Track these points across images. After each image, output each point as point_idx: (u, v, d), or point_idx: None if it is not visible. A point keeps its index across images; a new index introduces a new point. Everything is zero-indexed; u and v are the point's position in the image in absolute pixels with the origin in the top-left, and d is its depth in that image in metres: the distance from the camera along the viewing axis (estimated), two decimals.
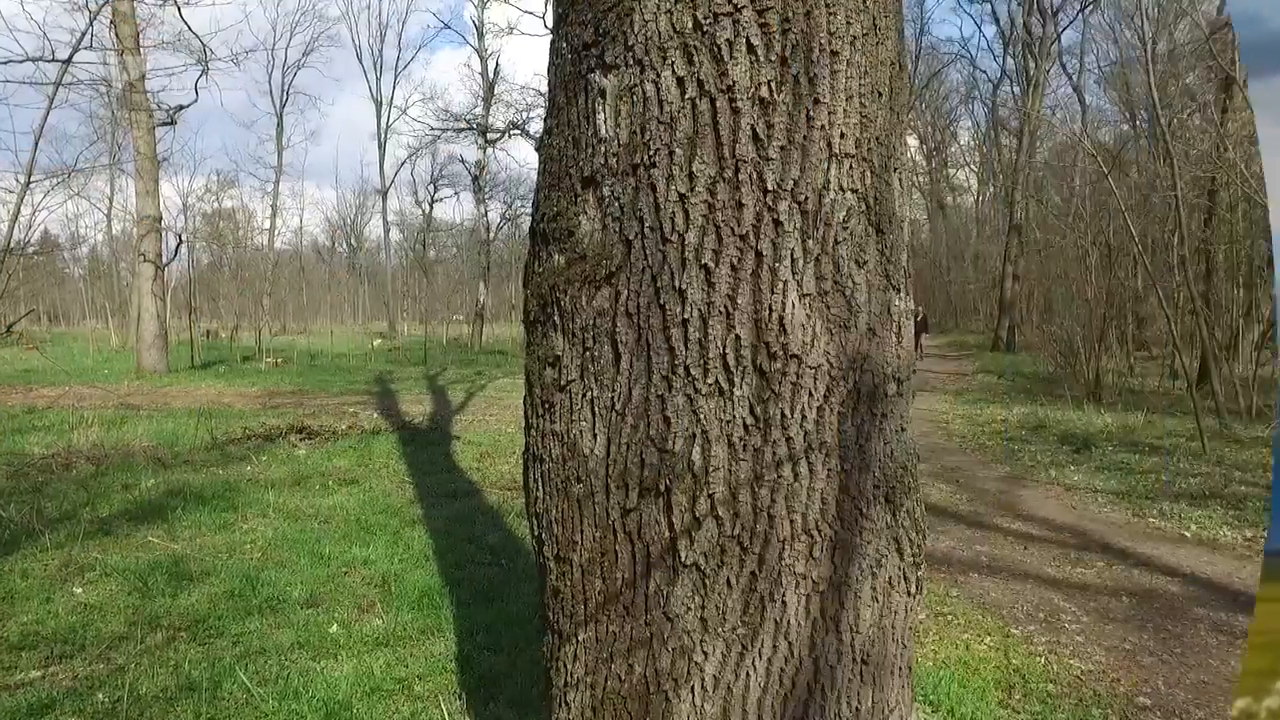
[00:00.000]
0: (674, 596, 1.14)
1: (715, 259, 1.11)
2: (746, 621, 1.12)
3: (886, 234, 1.19)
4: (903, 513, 1.22)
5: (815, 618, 1.14)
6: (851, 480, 1.15)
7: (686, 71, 1.11)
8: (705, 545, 1.12)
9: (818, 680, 1.14)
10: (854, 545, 1.16)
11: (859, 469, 1.16)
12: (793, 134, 1.10)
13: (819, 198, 1.12)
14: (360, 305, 56.65)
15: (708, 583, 1.12)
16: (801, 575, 1.13)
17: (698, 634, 1.13)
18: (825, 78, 1.11)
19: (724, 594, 1.12)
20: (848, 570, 1.15)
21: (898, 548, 1.21)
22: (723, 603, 1.12)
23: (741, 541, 1.12)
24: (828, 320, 1.13)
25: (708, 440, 1.12)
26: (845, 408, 1.14)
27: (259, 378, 17.93)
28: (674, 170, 1.12)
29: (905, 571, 1.23)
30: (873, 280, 1.17)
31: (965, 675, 3.32)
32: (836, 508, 1.15)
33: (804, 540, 1.13)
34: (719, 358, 1.12)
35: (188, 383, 16.44)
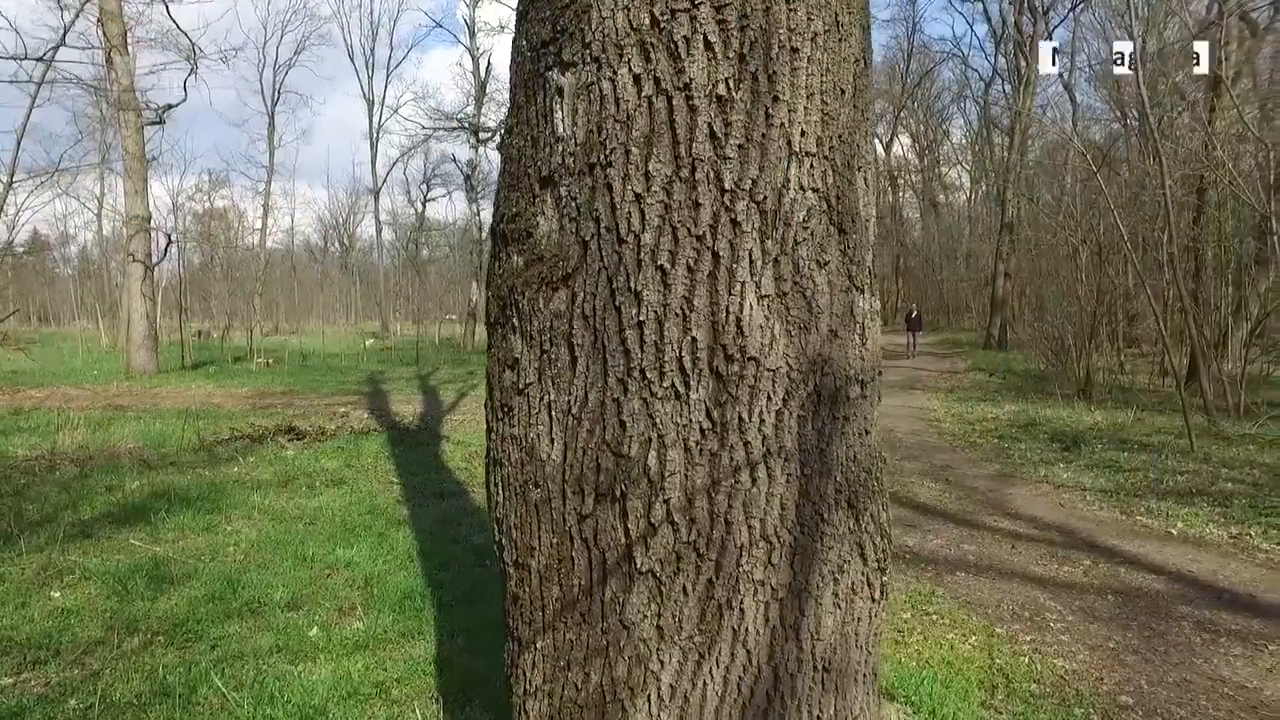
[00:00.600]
0: (630, 604, 1.12)
1: (671, 260, 1.09)
2: (704, 629, 1.10)
3: (850, 234, 1.17)
4: (866, 518, 1.20)
5: (775, 625, 1.12)
6: (812, 485, 1.13)
7: (643, 69, 1.09)
8: (661, 552, 1.10)
9: (777, 689, 1.11)
10: (815, 551, 1.14)
11: (820, 474, 1.14)
12: (751, 132, 1.08)
13: (778, 197, 1.10)
14: (353, 305, 56.49)
15: (664, 590, 1.10)
16: (760, 582, 1.11)
17: (654, 642, 1.11)
18: (785, 75, 1.09)
19: (680, 601, 1.10)
20: (808, 577, 1.13)
21: (861, 553, 1.19)
22: (679, 610, 1.10)
23: (698, 548, 1.10)
24: (787, 322, 1.11)
25: (664, 445, 1.10)
26: (806, 411, 1.12)
27: (250, 378, 17.83)
28: (630, 170, 1.10)
29: (869, 577, 1.21)
30: (835, 281, 1.15)
31: (948, 675, 3.31)
32: (796, 513, 1.12)
33: (762, 547, 1.11)
34: (675, 360, 1.09)
35: (178, 383, 16.34)
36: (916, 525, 5.96)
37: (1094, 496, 6.95)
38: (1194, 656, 3.67)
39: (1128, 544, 5.44)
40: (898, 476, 7.81)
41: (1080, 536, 5.67)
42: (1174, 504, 6.41)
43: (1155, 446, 8.63)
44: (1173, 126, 15.01)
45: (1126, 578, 4.78)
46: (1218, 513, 6.10)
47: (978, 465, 8.62)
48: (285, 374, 18.90)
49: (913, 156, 45.40)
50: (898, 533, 5.70)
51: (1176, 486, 6.99)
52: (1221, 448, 8.44)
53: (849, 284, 1.16)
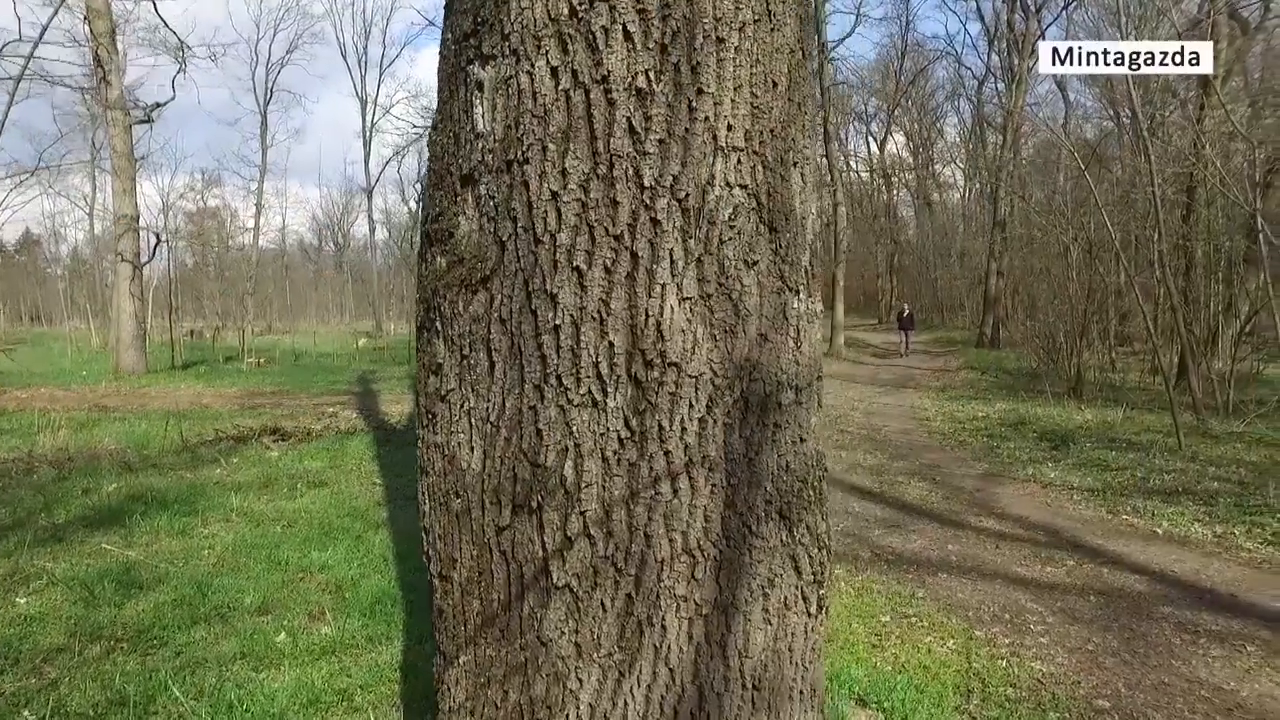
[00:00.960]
0: (547, 620, 1.07)
1: (588, 261, 1.04)
2: (624, 647, 1.05)
3: (782, 232, 1.12)
4: (801, 529, 1.15)
5: (699, 642, 1.07)
6: (739, 496, 1.08)
7: (561, 61, 1.04)
8: (578, 566, 1.05)
9: (703, 708, 1.07)
10: (742, 565, 1.09)
11: (748, 484, 1.09)
12: (673, 126, 1.03)
13: (702, 194, 1.05)
14: (346, 304, 56.34)
15: (581, 606, 1.06)
16: (683, 598, 1.06)
17: (573, 660, 1.06)
18: (710, 66, 1.04)
19: (599, 618, 1.05)
20: (735, 592, 1.08)
21: (795, 566, 1.15)
22: (597, 627, 1.05)
23: (616, 563, 1.05)
24: (711, 325, 1.06)
25: (580, 455, 1.05)
26: (732, 419, 1.07)
27: (240, 378, 17.74)
28: (547, 167, 1.05)
29: (804, 591, 1.16)
30: (765, 282, 1.10)
31: (924, 679, 3.27)
32: (722, 526, 1.08)
33: (685, 561, 1.06)
34: (591, 366, 1.04)
35: (167, 383, 16.24)
36: (901, 526, 5.93)
37: (1081, 496, 6.92)
38: (1173, 658, 3.63)
39: (1112, 544, 5.41)
40: (885, 476, 7.78)
41: (1065, 536, 5.64)
42: (1160, 503, 6.38)
43: (1144, 445, 8.60)
44: (1164, 125, 15.00)
45: (1109, 578, 4.75)
46: (1203, 512, 6.07)
47: (966, 464, 8.59)
48: (276, 374, 18.81)
49: (907, 155, 45.41)
50: (881, 533, 5.66)
51: (1163, 485, 6.97)
52: (1209, 446, 8.42)
53: (781, 285, 1.12)
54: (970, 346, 24.96)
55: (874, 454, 9.06)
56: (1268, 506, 5.95)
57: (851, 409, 12.76)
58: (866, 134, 45.27)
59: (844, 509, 6.40)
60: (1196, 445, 8.40)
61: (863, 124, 44.36)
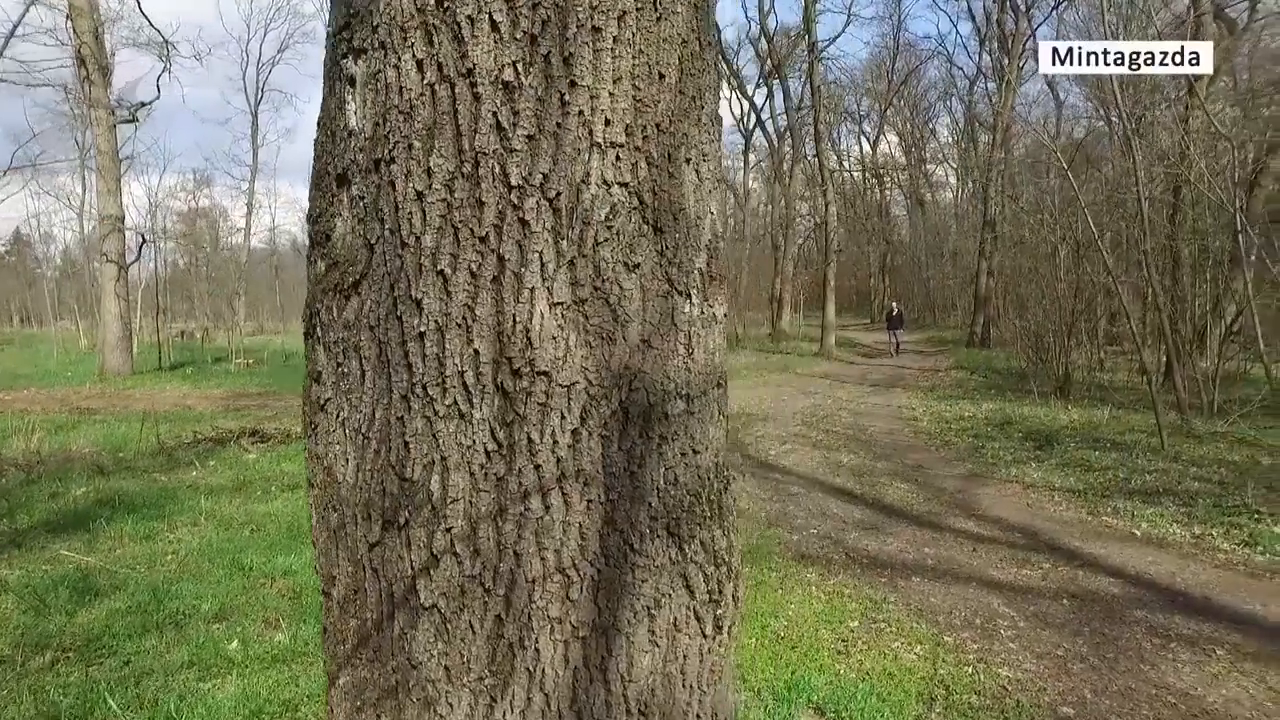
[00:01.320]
0: (416, 641, 1.01)
1: (453, 265, 0.98)
2: (495, 670, 1.00)
3: (669, 233, 1.06)
4: (693, 546, 1.09)
5: (576, 666, 1.02)
6: (619, 512, 1.03)
7: (426, 54, 0.98)
8: (444, 585, 1.00)
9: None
10: (624, 585, 1.03)
11: (630, 499, 1.03)
12: (543, 122, 0.97)
13: (576, 193, 0.99)
14: None
15: (449, 627, 1.00)
16: (557, 619, 1.00)
17: (443, 684, 1.00)
18: (585, 57, 0.98)
19: (467, 639, 1.00)
20: (616, 613, 1.02)
21: (686, 585, 1.09)
22: (466, 649, 1.00)
23: (483, 582, 0.99)
24: (586, 332, 1.00)
25: (446, 468, 1.00)
26: (610, 431, 1.02)
27: (227, 379, 17.64)
28: (412, 165, 0.99)
29: (698, 611, 1.10)
30: (649, 285, 1.04)
31: (887, 687, 3.22)
32: (600, 543, 1.02)
33: (558, 580, 1.00)
34: (457, 376, 0.99)
35: (153, 385, 16.14)
36: (879, 528, 5.88)
37: (1062, 496, 6.88)
38: (1142, 663, 3.59)
39: (1090, 546, 5.37)
40: (867, 477, 7.73)
41: (1043, 538, 5.60)
42: (1140, 504, 6.35)
43: (1127, 445, 8.58)
44: (1152, 125, 14.99)
45: (1084, 581, 4.71)
46: (1182, 513, 6.04)
47: (950, 465, 8.55)
48: (264, 374, 18.71)
49: (900, 155, 45.42)
50: (858, 536, 5.60)
51: (1144, 486, 6.93)
52: (1192, 446, 8.40)
53: (669, 288, 1.06)
54: (961, 346, 24.95)
55: (858, 454, 9.02)
56: (1245, 507, 5.92)
57: (839, 409, 12.72)
58: (859, 133, 45.27)
59: (822, 511, 6.35)
60: (1180, 445, 8.38)
61: (855, 124, 44.36)
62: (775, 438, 9.91)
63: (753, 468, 8.13)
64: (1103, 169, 17.26)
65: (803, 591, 4.33)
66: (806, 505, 6.54)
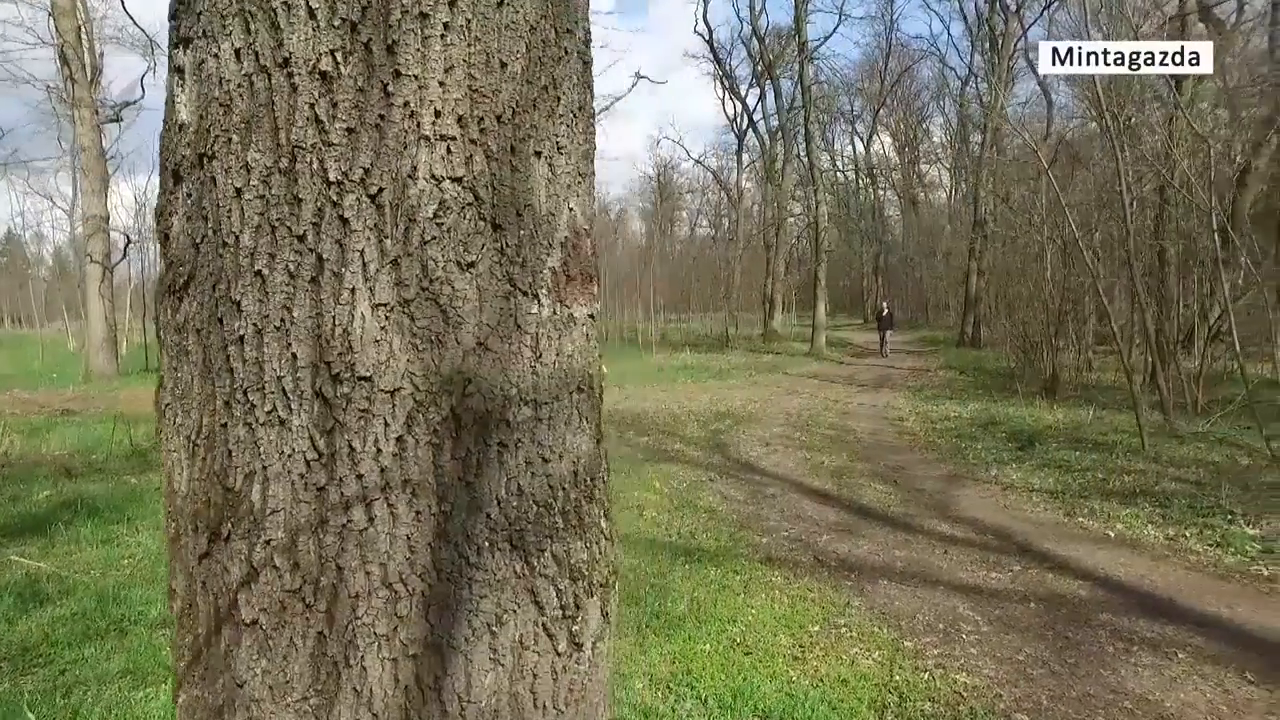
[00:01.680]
0: (239, 659, 0.96)
1: (270, 264, 0.93)
2: (319, 690, 0.94)
3: (511, 230, 1.01)
4: (544, 559, 1.04)
5: (407, 685, 0.96)
6: (453, 524, 0.97)
7: (244, 42, 0.93)
8: (264, 600, 0.94)
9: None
10: (460, 600, 0.98)
11: (466, 510, 0.98)
12: (364, 114, 0.92)
13: (402, 189, 0.94)
14: None
15: (271, 643, 0.95)
16: (384, 636, 0.95)
17: (267, 703, 0.95)
18: (411, 46, 0.93)
19: (289, 657, 0.94)
20: (451, 630, 0.97)
21: (534, 600, 1.04)
22: (289, 667, 0.94)
23: (304, 596, 0.94)
24: (412, 334, 0.95)
25: (267, 478, 0.94)
26: (441, 438, 0.96)
27: None
28: (231, 161, 0.94)
29: (549, 627, 1.05)
30: (488, 286, 0.99)
31: (839, 694, 3.16)
32: (432, 557, 0.97)
33: (385, 595, 0.95)
34: (275, 381, 0.93)
35: (138, 386, 16.04)
36: (852, 530, 5.83)
37: (1040, 498, 6.84)
38: (1103, 668, 3.54)
39: (1062, 547, 5.33)
40: (846, 478, 7.68)
41: (1016, 540, 5.55)
42: (1117, 505, 6.30)
43: (1109, 446, 8.54)
44: (1141, 125, 14.97)
45: (1053, 584, 4.66)
46: (1158, 514, 6.00)
47: (932, 466, 8.50)
48: None
49: (894, 155, 45.43)
50: (830, 539, 5.55)
51: (1122, 487, 6.89)
52: (1174, 446, 8.36)
53: (510, 289, 1.01)
54: (951, 346, 24.94)
55: (840, 455, 8.97)
56: (1220, 508, 5.88)
57: (825, 409, 12.68)
58: (852, 133, 45.26)
59: (796, 513, 6.30)
60: (1161, 446, 8.34)
61: (849, 123, 44.34)
62: (759, 439, 9.87)
63: (732, 469, 8.08)
64: (1091, 169, 17.24)
65: (766, 595, 4.27)
66: (781, 507, 6.48)
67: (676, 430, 10.35)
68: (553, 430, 1.06)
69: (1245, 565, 4.85)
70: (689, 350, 22.85)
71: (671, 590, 4.18)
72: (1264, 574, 4.67)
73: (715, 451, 9.04)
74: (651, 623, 3.71)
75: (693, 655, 3.36)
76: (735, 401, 13.24)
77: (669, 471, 7.66)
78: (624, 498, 6.46)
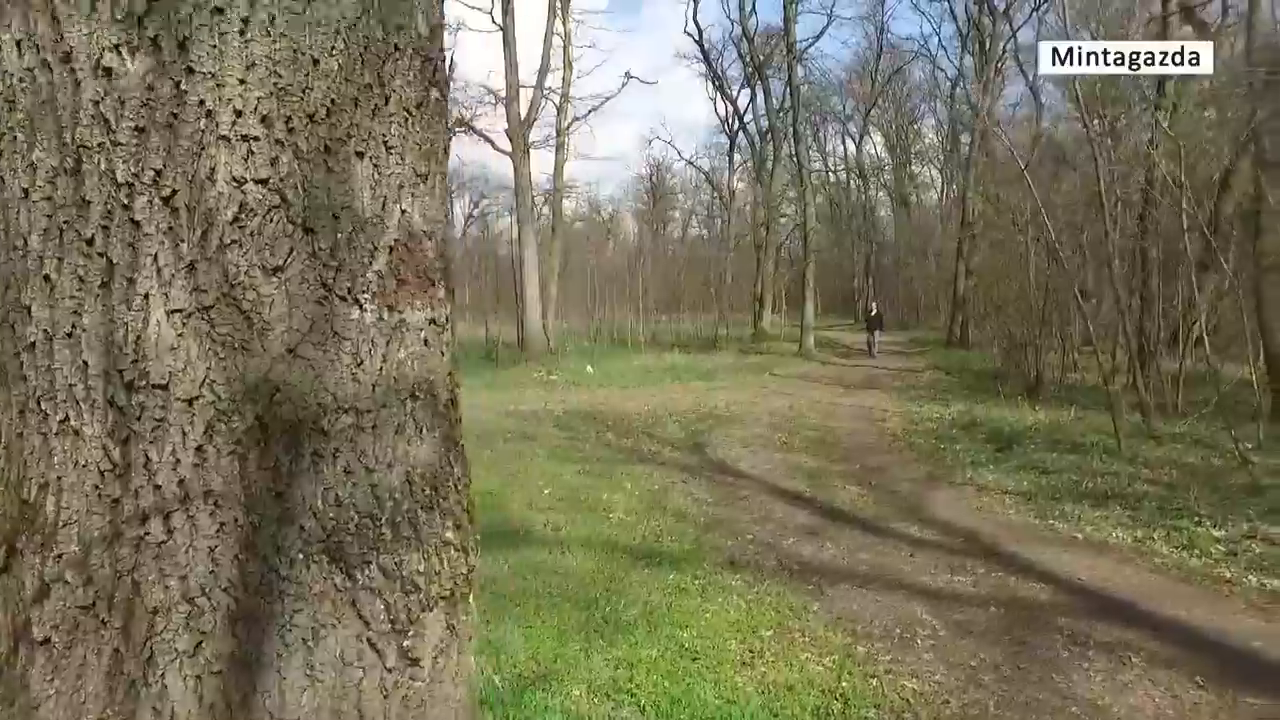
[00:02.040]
0: (34, 678, 0.93)
1: (58, 268, 0.90)
2: (118, 710, 0.91)
3: (325, 233, 0.97)
4: (369, 571, 1.01)
5: (214, 704, 0.93)
6: (262, 536, 0.94)
7: (24, 34, 0.90)
8: (56, 616, 0.91)
9: None
10: (270, 615, 0.95)
11: (278, 521, 0.95)
12: (154, 112, 0.89)
13: (199, 191, 0.91)
14: None
15: (64, 662, 0.92)
16: (185, 653, 0.92)
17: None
18: (205, 41, 0.90)
19: (84, 676, 0.91)
20: (261, 646, 0.94)
21: (358, 614, 1.01)
22: (84, 687, 0.91)
23: (98, 613, 0.91)
24: (213, 341, 0.92)
25: (61, 489, 0.91)
26: (246, 448, 0.93)
27: None
28: (17, 160, 0.91)
29: (375, 642, 1.02)
30: (299, 291, 0.96)
31: (783, 701, 3.13)
32: (238, 570, 0.94)
33: (185, 610, 0.92)
34: (67, 389, 0.90)
35: None
36: (819, 532, 5.80)
37: (1013, 500, 6.82)
38: (1055, 673, 3.52)
39: (1030, 550, 5.31)
40: (821, 479, 7.65)
41: (983, 543, 5.53)
42: (1089, 507, 6.29)
43: (1086, 447, 8.52)
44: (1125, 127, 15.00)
45: (1016, 587, 4.64)
46: (1127, 516, 5.99)
47: (909, 467, 8.49)
48: None
49: (885, 155, 45.49)
50: (796, 541, 5.52)
51: (1095, 489, 6.88)
52: (1150, 447, 8.35)
53: (325, 294, 0.98)
54: (940, 347, 24.95)
55: (818, 457, 8.95)
56: (1188, 510, 5.87)
57: (809, 410, 12.66)
58: (844, 134, 45.29)
59: (766, 515, 6.28)
60: (1138, 447, 8.33)
61: (841, 124, 44.38)
62: (739, 440, 9.84)
63: (708, 471, 8.05)
64: (1077, 169, 17.27)
65: (723, 600, 4.24)
66: (752, 509, 6.46)
67: (655, 431, 10.32)
68: (378, 439, 1.03)
69: (1209, 568, 4.84)
70: (677, 351, 22.80)
71: (625, 594, 4.15)
72: (1225, 576, 4.66)
73: (693, 453, 9.01)
74: (600, 628, 3.68)
75: (637, 661, 3.32)
76: (719, 402, 13.22)
77: (642, 473, 7.63)
78: (593, 500, 6.43)
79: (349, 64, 0.99)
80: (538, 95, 21.73)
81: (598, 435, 9.97)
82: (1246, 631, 3.85)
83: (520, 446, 9.01)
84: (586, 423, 10.97)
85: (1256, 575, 4.62)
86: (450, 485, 1.16)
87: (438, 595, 1.10)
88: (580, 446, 9.20)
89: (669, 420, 11.24)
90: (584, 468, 7.84)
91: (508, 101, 20.52)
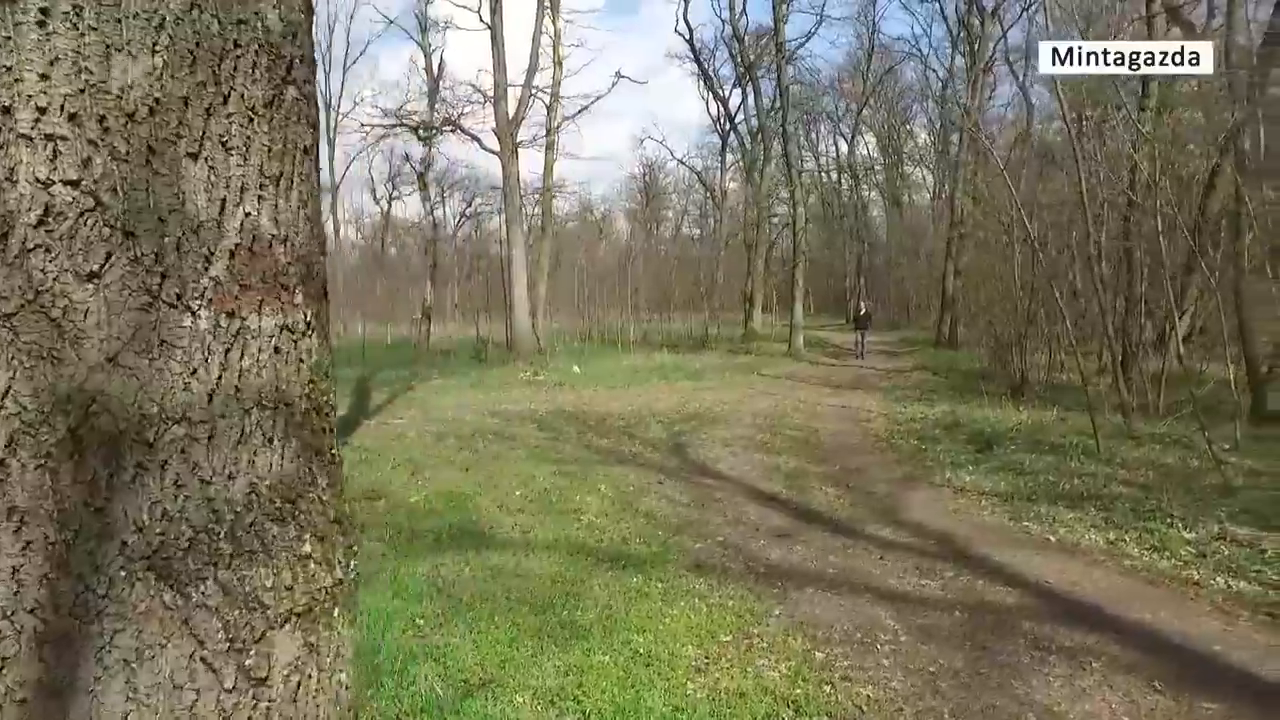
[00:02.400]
0: None
1: None
2: None
3: (148, 238, 0.93)
4: (205, 587, 0.96)
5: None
6: (77, 554, 0.90)
7: None
8: None
9: None
10: (86, 636, 0.90)
11: (96, 538, 0.90)
12: None
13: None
14: None
15: None
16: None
17: None
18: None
19: None
20: (75, 669, 0.89)
21: (190, 633, 0.96)
22: None
23: None
24: (17, 350, 0.87)
25: None
26: (57, 461, 0.89)
27: None
28: None
29: (211, 661, 0.97)
30: (118, 298, 0.91)
31: (733, 709, 3.08)
32: (48, 590, 0.89)
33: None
34: None
35: None
36: (791, 535, 5.76)
37: (989, 501, 6.79)
38: (1014, 679, 3.49)
39: (1000, 553, 5.28)
40: (799, 480, 7.61)
41: (955, 546, 5.50)
42: (1063, 509, 6.26)
43: (1066, 448, 8.51)
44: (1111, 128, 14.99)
45: (983, 591, 4.61)
46: (1101, 518, 5.96)
47: (889, 468, 8.46)
48: None
49: (878, 155, 45.49)
50: (765, 544, 5.47)
51: (1071, 490, 6.86)
52: (1129, 448, 8.34)
53: (151, 300, 0.93)
54: (929, 347, 24.96)
55: (799, 457, 8.91)
56: (1161, 511, 5.85)
57: (794, 410, 12.64)
58: (835, 134, 45.28)
59: (738, 517, 6.24)
60: (1117, 448, 8.32)
61: (833, 124, 44.36)
62: (721, 440, 9.80)
63: (686, 472, 8.01)
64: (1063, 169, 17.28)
65: (685, 604, 4.20)
66: (725, 510, 6.42)
67: (637, 432, 10.28)
68: (214, 450, 0.98)
69: (1177, 570, 4.82)
70: (666, 350, 22.77)
71: (585, 598, 4.11)
72: (1193, 579, 4.64)
73: (673, 454, 8.97)
74: (554, 633, 3.63)
75: (588, 667, 3.28)
76: (705, 402, 13.19)
77: (619, 475, 7.59)
78: (566, 503, 6.39)
79: (175, 60, 0.94)
80: (526, 94, 21.65)
81: (579, 436, 9.93)
82: (1208, 635, 3.83)
83: (499, 447, 8.96)
84: (569, 423, 10.92)
85: (1224, 577, 4.60)
86: (311, 497, 1.12)
87: (289, 611, 1.05)
88: (560, 447, 9.15)
89: (652, 421, 11.20)
90: (561, 469, 7.78)
91: (495, 100, 20.45)
